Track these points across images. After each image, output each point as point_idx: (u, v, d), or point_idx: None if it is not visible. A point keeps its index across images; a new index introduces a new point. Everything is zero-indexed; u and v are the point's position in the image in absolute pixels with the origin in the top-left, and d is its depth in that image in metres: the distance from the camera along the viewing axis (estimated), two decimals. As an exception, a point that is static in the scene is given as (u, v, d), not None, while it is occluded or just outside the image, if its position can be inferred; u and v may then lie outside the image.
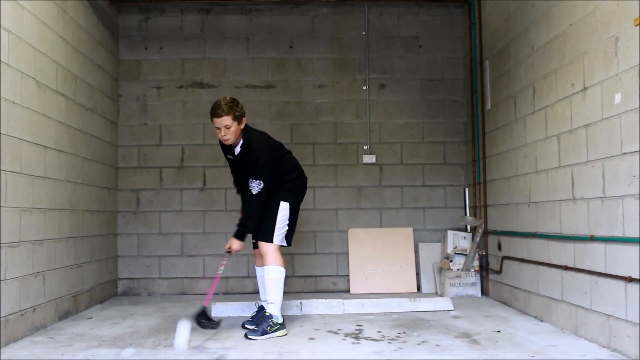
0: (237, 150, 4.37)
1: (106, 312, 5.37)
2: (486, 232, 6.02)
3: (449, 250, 6.24)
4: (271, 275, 4.33)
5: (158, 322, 4.87)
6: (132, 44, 6.71)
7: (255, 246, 4.55)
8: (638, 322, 3.41)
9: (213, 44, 6.76)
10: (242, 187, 4.47)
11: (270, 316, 4.25)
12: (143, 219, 6.61)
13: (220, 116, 4.19)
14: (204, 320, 4.12)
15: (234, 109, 4.22)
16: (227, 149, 4.45)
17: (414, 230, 6.64)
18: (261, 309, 4.56)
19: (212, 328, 4.17)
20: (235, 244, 4.27)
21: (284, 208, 4.43)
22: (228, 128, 4.21)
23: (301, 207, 6.48)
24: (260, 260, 4.52)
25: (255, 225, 4.35)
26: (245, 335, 4.20)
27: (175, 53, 6.73)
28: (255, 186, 4.25)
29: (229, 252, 4.28)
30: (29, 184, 4.37)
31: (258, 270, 4.66)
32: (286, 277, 4.84)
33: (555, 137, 4.43)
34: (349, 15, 6.81)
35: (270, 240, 4.37)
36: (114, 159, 6.48)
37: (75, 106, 5.33)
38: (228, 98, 4.27)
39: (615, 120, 3.61)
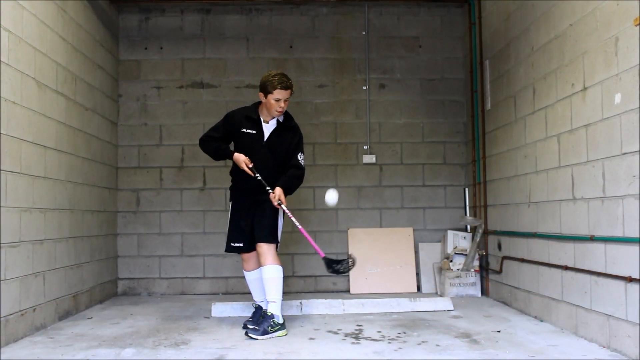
0: (272, 124, 4.45)
1: (106, 312, 5.37)
2: (486, 232, 6.02)
3: (449, 250, 6.24)
4: (272, 274, 4.33)
5: (158, 322, 4.87)
6: (132, 44, 6.71)
7: (244, 250, 4.50)
8: (638, 322, 3.41)
9: (213, 44, 6.76)
10: (259, 161, 4.38)
11: (272, 316, 4.25)
12: (143, 219, 6.61)
13: (289, 89, 4.37)
14: (335, 266, 4.36)
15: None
16: (248, 122, 4.42)
17: (414, 230, 6.64)
18: (259, 308, 4.57)
19: (348, 267, 4.38)
20: (283, 195, 4.34)
21: (280, 210, 4.48)
22: (286, 101, 4.37)
23: (301, 207, 6.60)
24: (252, 263, 4.55)
25: (296, 187, 4.51)
26: (246, 334, 4.21)
27: (175, 53, 6.73)
28: (303, 160, 4.50)
29: (279, 204, 4.32)
30: (29, 184, 4.37)
31: (250, 274, 4.60)
32: (286, 277, 4.89)
33: (555, 137, 4.43)
34: (349, 15, 6.81)
35: (275, 241, 4.42)
36: (114, 159, 6.48)
37: (75, 106, 5.33)
38: (284, 73, 4.47)
39: (615, 120, 3.60)
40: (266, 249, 4.36)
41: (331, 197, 4.38)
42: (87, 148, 5.59)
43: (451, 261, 6.14)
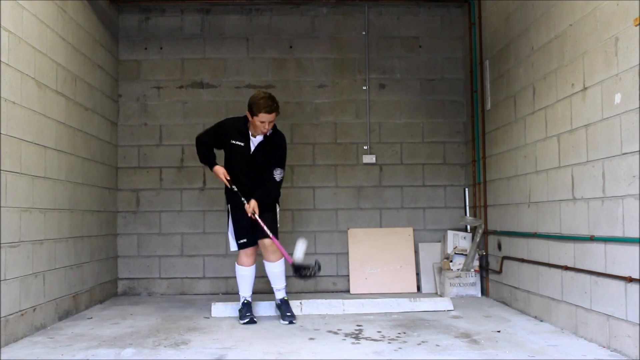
0: (259, 138, 4.74)
1: (106, 312, 5.37)
2: (486, 232, 6.02)
3: (449, 250, 6.24)
4: (282, 267, 4.86)
5: (158, 322, 4.87)
6: (132, 44, 6.71)
7: (249, 245, 4.86)
8: (638, 322, 3.41)
9: (213, 44, 6.76)
10: (245, 171, 4.78)
11: (288, 300, 4.86)
12: (143, 219, 6.61)
13: (273, 112, 4.61)
14: (302, 271, 4.59)
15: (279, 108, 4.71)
16: (238, 134, 4.74)
17: (414, 230, 6.64)
18: (249, 303, 4.93)
19: (313, 274, 4.60)
20: (257, 206, 4.68)
21: (277, 209, 4.97)
22: (270, 123, 4.64)
23: (301, 207, 6.60)
24: (252, 259, 4.91)
25: (270, 200, 4.82)
26: (291, 322, 4.68)
27: (175, 53, 6.73)
28: (279, 174, 4.77)
29: (253, 214, 4.67)
30: (29, 184, 4.37)
31: (248, 269, 4.93)
32: (286, 277, 4.94)
33: (555, 137, 4.43)
34: (349, 15, 6.81)
35: (278, 236, 4.83)
36: (114, 159, 6.48)
37: (75, 106, 5.33)
38: (271, 95, 4.67)
39: (615, 120, 3.61)
40: (276, 245, 4.74)
41: (299, 249, 4.67)
42: (87, 148, 5.59)
43: (451, 261, 6.14)
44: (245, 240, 4.83)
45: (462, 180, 6.77)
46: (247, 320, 4.73)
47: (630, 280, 3.47)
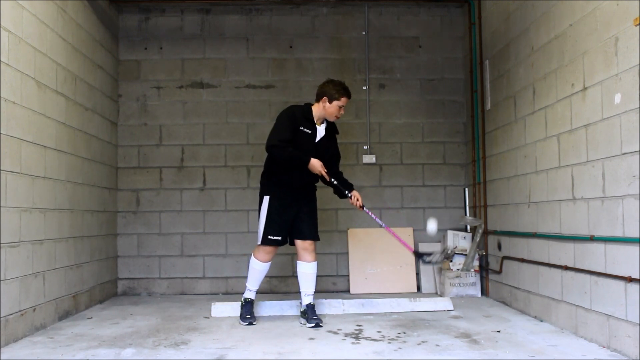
0: (322, 127, 4.83)
1: (106, 312, 5.37)
2: (486, 232, 6.02)
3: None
4: (315, 270, 4.76)
5: (158, 322, 4.87)
6: (132, 44, 6.71)
7: (280, 244, 4.76)
8: (638, 322, 3.41)
9: (213, 44, 6.76)
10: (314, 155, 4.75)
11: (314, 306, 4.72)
12: (143, 219, 6.61)
13: (350, 98, 4.79)
14: (425, 257, 4.95)
15: None
16: (306, 121, 4.73)
17: (413, 230, 6.63)
18: (251, 302, 4.84)
19: (435, 261, 4.91)
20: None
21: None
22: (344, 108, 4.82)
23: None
24: (272, 256, 4.82)
25: None
26: (317, 324, 4.56)
27: (175, 53, 6.73)
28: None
29: (362, 205, 4.87)
30: (29, 184, 4.37)
31: (266, 265, 4.84)
32: (286, 277, 4.95)
33: (555, 137, 4.43)
34: (349, 15, 6.81)
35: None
36: (114, 159, 6.48)
37: (75, 106, 5.33)
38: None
39: (615, 120, 3.61)
40: (314, 246, 4.79)
41: (432, 227, 4.85)
42: (87, 148, 5.59)
43: (451, 261, 6.14)
44: (279, 238, 4.70)
45: (462, 180, 6.77)
46: (247, 323, 4.70)
47: (630, 280, 3.47)
